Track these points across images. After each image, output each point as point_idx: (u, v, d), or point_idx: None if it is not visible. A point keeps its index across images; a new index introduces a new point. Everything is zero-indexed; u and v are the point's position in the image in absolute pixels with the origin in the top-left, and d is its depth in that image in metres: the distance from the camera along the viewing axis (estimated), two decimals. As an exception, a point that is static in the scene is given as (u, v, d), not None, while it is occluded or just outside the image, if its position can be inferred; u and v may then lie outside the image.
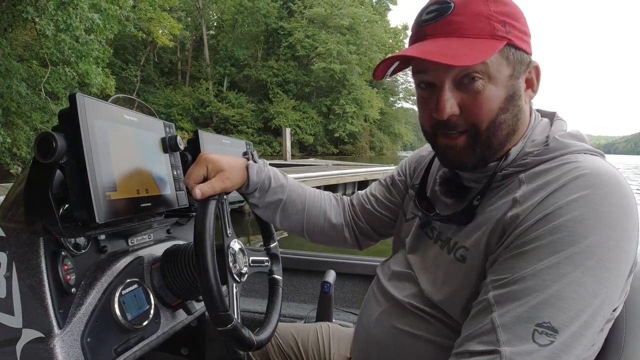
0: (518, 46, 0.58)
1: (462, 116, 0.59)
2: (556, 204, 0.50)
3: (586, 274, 0.47)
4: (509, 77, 0.58)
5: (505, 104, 0.58)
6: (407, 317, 0.66)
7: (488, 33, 0.56)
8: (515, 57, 0.58)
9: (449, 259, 0.63)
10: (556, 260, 0.48)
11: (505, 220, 0.55)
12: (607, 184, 0.50)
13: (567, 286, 0.47)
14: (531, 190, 0.54)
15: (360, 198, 0.92)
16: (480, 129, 0.59)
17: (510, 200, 0.56)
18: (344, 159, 24.65)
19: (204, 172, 0.72)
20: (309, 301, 1.60)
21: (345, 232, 0.90)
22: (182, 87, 33.08)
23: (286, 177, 0.84)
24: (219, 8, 36.29)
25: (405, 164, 0.89)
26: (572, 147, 0.57)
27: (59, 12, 8.97)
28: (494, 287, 0.52)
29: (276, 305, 0.89)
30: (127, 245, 0.90)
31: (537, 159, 0.58)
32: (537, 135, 0.62)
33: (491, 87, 0.57)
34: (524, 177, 0.57)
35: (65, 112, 0.63)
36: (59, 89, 11.14)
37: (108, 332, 0.75)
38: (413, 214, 0.78)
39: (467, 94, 0.58)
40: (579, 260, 0.47)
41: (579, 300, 0.47)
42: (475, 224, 0.60)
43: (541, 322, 0.46)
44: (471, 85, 0.57)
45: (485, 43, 0.55)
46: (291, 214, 0.84)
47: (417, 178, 0.82)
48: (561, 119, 0.65)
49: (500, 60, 0.57)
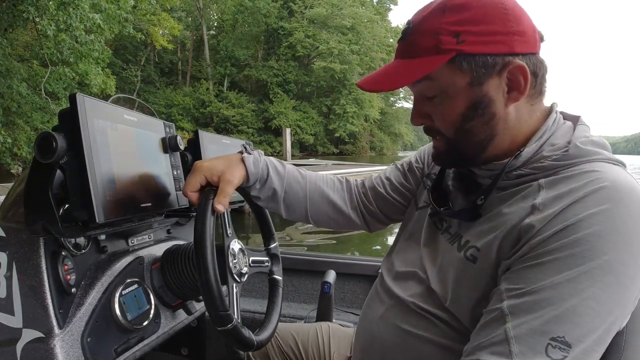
0: (475, 53, 0.56)
1: (435, 123, 0.63)
2: (576, 216, 0.49)
3: (604, 290, 0.46)
4: (467, 85, 0.58)
5: (468, 112, 0.59)
6: (412, 317, 0.65)
7: (433, 49, 0.57)
8: (474, 64, 0.56)
9: (459, 257, 0.62)
10: (574, 274, 0.47)
11: (522, 227, 0.53)
12: (628, 198, 0.50)
13: (583, 301, 0.46)
14: (551, 198, 0.53)
15: (373, 181, 0.91)
16: (448, 135, 0.62)
17: (529, 206, 0.55)
18: (345, 159, 24.66)
19: (201, 180, 0.71)
20: (309, 301, 1.60)
21: (352, 215, 0.88)
22: (183, 87, 33.08)
23: (284, 165, 0.83)
24: (219, 8, 36.29)
25: (424, 151, 0.88)
26: (593, 155, 0.56)
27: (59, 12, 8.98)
28: (508, 297, 0.51)
29: (276, 306, 0.89)
30: (127, 245, 0.90)
31: (556, 164, 0.57)
32: (557, 139, 0.60)
33: (448, 100, 0.60)
34: (545, 182, 0.56)
35: (66, 112, 0.63)
36: (60, 89, 11.15)
37: (108, 332, 0.75)
38: (425, 202, 0.77)
39: (431, 105, 0.62)
40: (597, 275, 0.47)
41: (594, 316, 0.46)
42: (489, 225, 0.59)
43: (555, 336, 0.46)
44: (432, 101, 0.62)
45: (425, 61, 0.58)
46: (294, 202, 0.83)
47: (433, 167, 0.81)
48: (584, 124, 0.63)
49: (451, 71, 0.58)
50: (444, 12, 0.57)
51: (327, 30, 33.40)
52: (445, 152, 0.65)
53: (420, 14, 0.61)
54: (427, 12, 0.59)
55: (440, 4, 0.59)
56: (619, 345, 0.57)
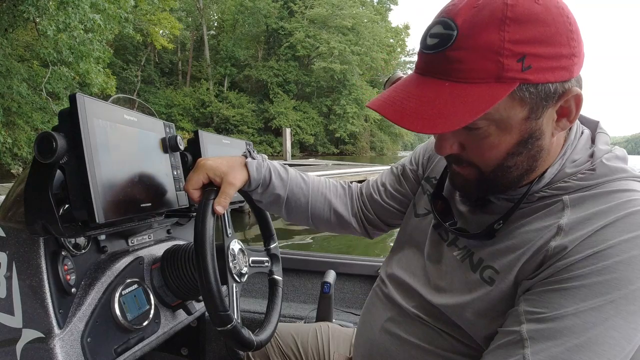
0: (539, 82, 0.47)
1: (466, 154, 0.54)
2: (608, 242, 0.47)
3: (626, 320, 0.45)
4: (524, 119, 0.50)
5: (517, 147, 0.52)
6: (416, 328, 0.63)
7: (494, 75, 0.46)
8: (536, 94, 0.48)
9: (475, 279, 0.57)
10: (600, 303, 0.46)
11: (549, 249, 0.50)
12: None
13: (605, 331, 0.45)
14: (579, 219, 0.50)
15: (370, 188, 0.88)
16: (486, 170, 0.54)
17: (555, 226, 0.51)
18: (345, 159, 24.64)
19: (203, 178, 0.71)
20: (309, 301, 1.60)
21: (353, 222, 0.87)
22: (183, 87, 33.09)
23: (287, 170, 0.82)
24: (220, 8, 36.29)
25: (419, 152, 0.84)
26: (621, 173, 0.53)
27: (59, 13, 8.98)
28: (528, 320, 0.49)
29: (276, 306, 0.89)
30: (127, 245, 0.90)
31: (581, 184, 0.53)
32: (578, 153, 0.56)
33: (498, 133, 0.50)
34: (569, 200, 0.52)
35: (66, 112, 0.63)
36: (60, 89, 11.15)
37: (108, 332, 0.75)
38: (426, 209, 0.74)
39: (469, 136, 0.52)
40: (622, 305, 0.45)
41: (614, 345, 0.45)
42: (506, 243, 0.55)
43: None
44: (473, 133, 0.51)
45: (486, 91, 0.46)
46: (295, 207, 0.82)
47: (432, 170, 0.78)
48: (604, 132, 0.58)
49: (512, 103, 0.48)
50: (504, 24, 0.45)
51: (328, 31, 33.39)
52: (477, 185, 0.57)
53: (468, 16, 0.47)
54: (479, 17, 0.46)
55: (496, 9, 0.46)
56: None
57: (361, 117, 34.64)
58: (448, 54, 0.48)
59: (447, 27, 0.48)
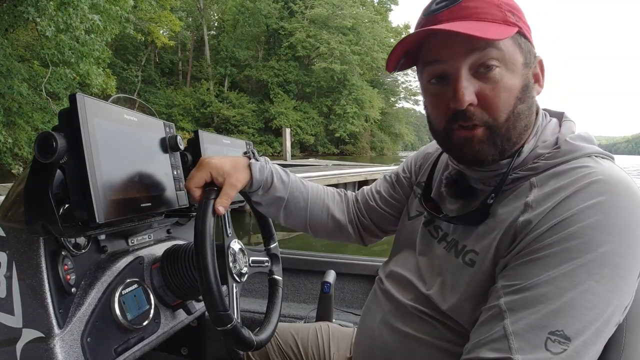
0: (527, 36, 0.59)
1: (480, 106, 0.57)
2: (570, 210, 0.50)
3: (600, 282, 0.46)
4: (523, 65, 0.58)
5: (522, 93, 0.58)
6: (412, 321, 0.65)
7: (501, 18, 0.56)
8: (526, 46, 0.58)
9: (457, 262, 0.62)
10: (570, 267, 0.47)
11: (517, 225, 0.54)
12: (622, 190, 0.50)
13: (580, 294, 0.46)
14: (544, 195, 0.54)
15: (365, 194, 0.91)
16: (499, 120, 0.57)
17: (522, 204, 0.55)
18: (345, 159, 24.64)
19: (206, 177, 0.71)
20: (309, 301, 1.60)
21: (349, 228, 0.89)
22: (183, 88, 33.11)
23: (288, 174, 0.83)
24: (220, 8, 36.32)
25: (411, 161, 0.88)
26: (584, 150, 0.57)
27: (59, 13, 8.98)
28: (505, 293, 0.51)
29: (276, 306, 0.89)
30: (127, 245, 0.90)
31: (549, 163, 0.57)
32: (547, 135, 0.61)
33: (508, 75, 0.56)
34: (536, 180, 0.57)
35: (66, 112, 0.63)
36: (60, 89, 11.17)
37: (108, 332, 0.75)
38: (417, 211, 0.77)
39: (485, 82, 0.56)
40: (593, 268, 0.47)
41: (592, 308, 0.46)
42: (486, 228, 0.59)
43: (554, 330, 0.46)
44: (488, 74, 0.56)
45: (500, 27, 0.55)
46: (294, 211, 0.83)
47: (423, 175, 0.81)
48: (570, 120, 0.64)
49: (515, 47, 0.57)
50: None
51: (328, 31, 33.39)
52: (489, 140, 0.58)
53: None
54: None
55: None
56: (619, 343, 0.57)
57: (361, 117, 34.65)
58: (464, 4, 0.57)
59: None
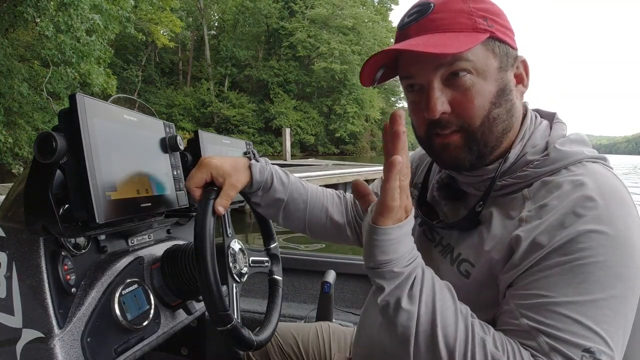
0: (502, 39, 0.58)
1: (454, 114, 0.58)
2: (568, 229, 0.50)
3: (614, 296, 0.48)
4: (497, 69, 0.58)
5: (497, 98, 0.58)
6: None
7: (470, 27, 0.56)
8: (501, 50, 0.58)
9: (453, 270, 0.62)
10: (584, 286, 0.48)
11: (512, 240, 0.54)
12: (611, 200, 0.51)
13: (597, 309, 0.48)
14: (537, 209, 0.54)
15: None
16: (474, 125, 0.58)
17: (517, 220, 0.55)
18: (345, 159, 24.63)
19: (206, 177, 0.71)
20: (309, 301, 1.60)
21: (347, 230, 0.89)
22: (183, 87, 33.11)
23: (288, 175, 0.84)
24: (220, 8, 36.30)
25: None
26: (573, 157, 0.56)
27: (59, 13, 8.99)
28: (521, 315, 0.51)
29: (276, 306, 0.89)
30: (127, 245, 0.90)
31: (537, 171, 0.57)
32: (537, 139, 0.61)
33: (480, 81, 0.57)
34: (528, 192, 0.57)
35: (65, 112, 0.63)
36: (61, 89, 11.17)
37: (108, 332, 0.75)
38: (415, 213, 0.77)
39: (457, 90, 0.57)
40: (606, 283, 0.48)
41: (610, 323, 0.48)
42: (481, 239, 0.59)
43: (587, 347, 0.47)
44: (460, 81, 0.56)
45: (468, 35, 0.55)
46: (293, 212, 0.84)
47: (419, 177, 0.81)
48: (561, 122, 0.64)
49: (486, 53, 0.57)
50: (466, 0, 0.57)
51: (328, 31, 33.40)
52: (467, 147, 0.59)
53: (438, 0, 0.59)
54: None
55: None
56: None
57: (362, 117, 34.66)
58: (431, 16, 0.58)
59: (423, 4, 0.59)
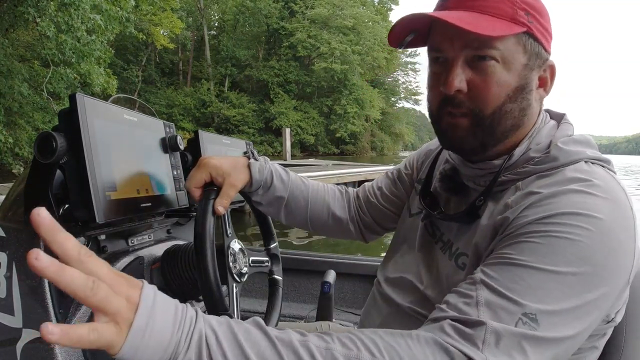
0: (537, 38, 0.57)
1: (468, 95, 0.57)
2: (554, 210, 0.50)
3: (576, 275, 0.47)
4: (524, 66, 0.57)
5: (515, 93, 0.57)
6: (411, 324, 0.64)
7: (509, 15, 0.55)
8: (533, 48, 0.57)
9: (452, 265, 0.62)
10: (551, 258, 0.48)
11: (496, 223, 0.55)
12: (606, 200, 0.50)
13: (557, 283, 0.47)
14: (525, 194, 0.55)
15: (366, 191, 0.91)
16: (484, 113, 0.57)
17: (503, 206, 0.57)
18: (345, 159, 24.63)
19: (206, 177, 0.71)
20: (309, 301, 1.60)
21: (350, 225, 0.89)
22: (184, 88, 33.13)
23: (288, 172, 0.84)
24: (220, 8, 36.32)
25: (413, 158, 0.87)
26: (574, 156, 0.56)
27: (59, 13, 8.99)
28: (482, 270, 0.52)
29: (276, 306, 0.89)
30: (127, 245, 0.90)
31: (536, 168, 0.57)
32: (542, 138, 0.60)
33: (503, 72, 0.56)
34: (521, 184, 0.58)
35: (65, 112, 0.63)
36: (61, 89, 11.17)
37: (108, 332, 0.75)
38: (419, 208, 0.76)
39: (477, 73, 0.56)
40: (574, 262, 0.47)
41: (565, 300, 0.47)
42: (475, 231, 0.60)
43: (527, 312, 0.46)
44: (484, 66, 0.56)
45: (504, 23, 0.54)
46: (295, 210, 0.84)
47: (424, 172, 0.81)
48: (568, 122, 0.63)
49: (517, 46, 0.56)
50: None
51: (329, 31, 33.41)
52: (472, 133, 0.59)
53: None
54: None
55: None
56: (619, 343, 0.57)
57: (362, 117, 34.67)
58: None
59: None
